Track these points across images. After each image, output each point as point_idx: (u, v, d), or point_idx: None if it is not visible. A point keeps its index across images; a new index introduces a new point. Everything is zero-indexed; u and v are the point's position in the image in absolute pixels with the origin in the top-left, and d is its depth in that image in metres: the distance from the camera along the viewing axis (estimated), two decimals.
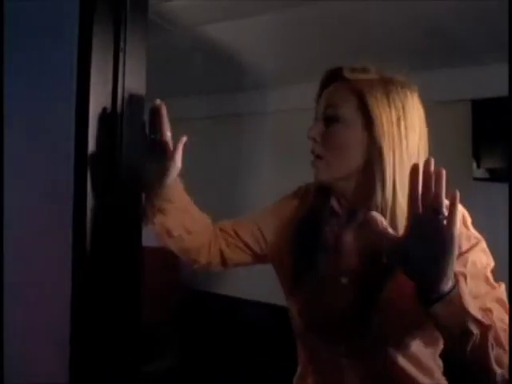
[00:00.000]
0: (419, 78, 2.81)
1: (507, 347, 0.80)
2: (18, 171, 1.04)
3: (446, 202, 0.76)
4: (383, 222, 0.79)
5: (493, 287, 0.91)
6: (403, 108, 0.97)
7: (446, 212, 0.74)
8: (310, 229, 1.08)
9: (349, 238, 1.03)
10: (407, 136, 0.97)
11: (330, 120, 1.00)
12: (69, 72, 0.94)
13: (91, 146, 0.93)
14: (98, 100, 0.94)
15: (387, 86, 0.98)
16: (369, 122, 0.96)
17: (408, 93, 1.00)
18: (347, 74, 1.00)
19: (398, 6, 2.06)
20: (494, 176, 2.49)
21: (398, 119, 0.96)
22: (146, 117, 1.08)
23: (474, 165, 2.53)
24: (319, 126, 1.01)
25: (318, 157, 1.01)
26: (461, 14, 2.08)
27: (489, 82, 2.50)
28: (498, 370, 0.80)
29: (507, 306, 0.89)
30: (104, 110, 0.95)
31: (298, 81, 2.66)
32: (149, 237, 1.20)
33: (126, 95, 0.98)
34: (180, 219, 1.11)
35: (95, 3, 0.93)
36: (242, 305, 2.86)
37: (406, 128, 0.97)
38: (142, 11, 1.01)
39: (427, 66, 2.62)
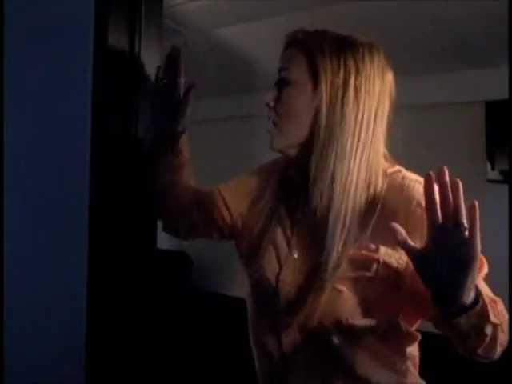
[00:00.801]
0: (433, 80, 2.81)
1: (505, 326, 0.81)
2: (29, 182, 1.06)
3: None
4: (403, 232, 0.76)
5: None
6: (356, 70, 0.90)
7: (466, 223, 0.71)
8: (272, 204, 1.05)
9: (303, 211, 0.99)
10: (357, 98, 0.90)
11: (282, 84, 0.96)
12: (85, 77, 0.96)
13: (109, 149, 0.95)
14: (114, 104, 0.95)
15: (341, 45, 0.92)
16: (316, 84, 0.91)
17: (366, 53, 0.93)
18: (300, 36, 0.95)
19: (412, 8, 2.06)
20: (508, 178, 2.47)
21: (346, 81, 0.90)
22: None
23: (489, 167, 2.51)
24: (273, 90, 0.97)
25: (274, 123, 0.97)
26: (475, 16, 2.07)
27: (503, 83, 2.47)
28: (499, 350, 0.82)
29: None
30: (120, 114, 0.96)
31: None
32: (163, 239, 1.21)
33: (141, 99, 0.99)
34: (174, 177, 1.09)
35: (110, 9, 0.95)
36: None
37: (355, 90, 0.90)
38: (157, 16, 1.02)
39: (441, 68, 2.61)
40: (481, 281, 0.86)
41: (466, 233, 0.71)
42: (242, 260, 1.10)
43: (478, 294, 0.76)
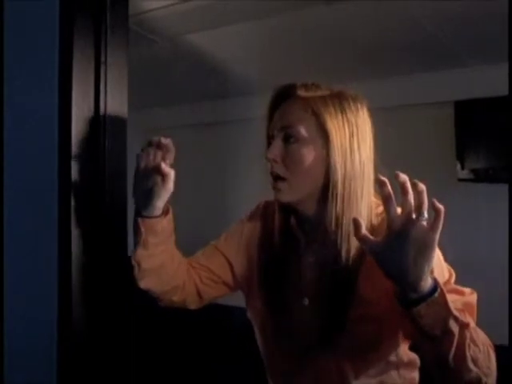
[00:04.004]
0: (403, 81, 2.85)
1: (481, 346, 0.83)
2: None
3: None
4: (364, 228, 0.80)
5: (461, 294, 0.93)
6: (356, 123, 0.99)
7: (426, 214, 0.75)
8: (273, 253, 1.09)
9: (309, 259, 1.06)
10: (359, 149, 0.99)
11: (289, 140, 1.00)
12: (50, 86, 0.95)
13: (74, 159, 0.94)
14: (80, 113, 0.95)
15: (340, 101, 1.00)
16: (326, 140, 0.98)
17: (359, 106, 1.01)
18: (300, 92, 1.01)
19: (381, 11, 2.09)
20: (478, 177, 2.52)
21: (351, 134, 0.98)
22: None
23: (458, 166, 2.56)
24: (278, 146, 1.01)
25: (279, 177, 1.01)
26: (444, 18, 2.11)
27: (471, 83, 2.53)
28: (474, 369, 0.81)
29: (475, 311, 0.93)
30: (86, 123, 0.95)
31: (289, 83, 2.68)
32: None
33: (108, 108, 0.98)
34: (159, 258, 1.05)
35: (75, 17, 0.94)
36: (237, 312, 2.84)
37: (358, 142, 0.99)
38: (123, 24, 1.01)
39: (410, 69, 2.65)
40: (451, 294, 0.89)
41: (425, 223, 0.75)
42: (252, 310, 1.14)
43: (437, 283, 0.80)
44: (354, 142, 0.98)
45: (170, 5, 2.15)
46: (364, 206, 0.98)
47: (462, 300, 0.91)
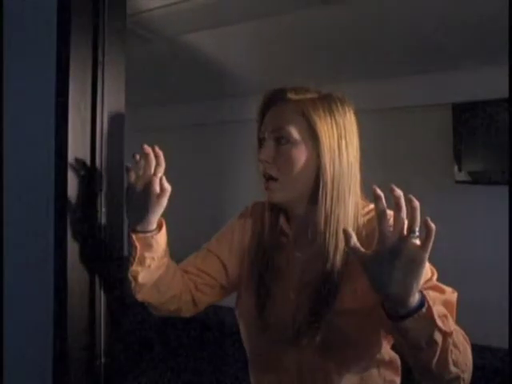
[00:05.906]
0: (401, 83, 2.84)
1: (461, 347, 0.84)
2: None
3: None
4: (354, 238, 0.80)
5: (442, 292, 0.94)
6: (344, 124, 1.03)
7: (418, 232, 0.75)
8: (263, 250, 1.11)
9: (297, 254, 1.08)
10: (347, 149, 1.02)
11: (280, 141, 1.02)
12: (47, 86, 0.94)
13: (71, 158, 0.93)
14: (78, 113, 0.94)
15: (329, 104, 1.03)
16: (316, 141, 1.01)
17: (346, 108, 1.04)
18: (291, 96, 1.03)
19: (379, 13, 2.09)
20: (476, 179, 2.53)
21: (340, 136, 1.02)
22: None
23: (456, 168, 2.57)
24: (270, 148, 1.03)
25: (272, 178, 1.03)
26: (441, 21, 2.11)
27: (469, 86, 2.54)
28: (455, 370, 0.83)
29: (454, 309, 0.93)
30: (83, 123, 0.95)
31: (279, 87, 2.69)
32: None
33: (106, 108, 0.98)
34: (155, 272, 1.04)
35: (73, 16, 0.93)
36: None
37: (346, 143, 1.02)
38: (120, 23, 1.01)
39: (408, 72, 2.65)
40: (432, 292, 0.91)
41: (417, 240, 0.75)
42: (241, 307, 1.16)
43: (424, 297, 0.80)
44: (342, 142, 1.02)
45: (168, 5, 2.15)
46: (351, 204, 1.02)
47: (443, 298, 0.92)
